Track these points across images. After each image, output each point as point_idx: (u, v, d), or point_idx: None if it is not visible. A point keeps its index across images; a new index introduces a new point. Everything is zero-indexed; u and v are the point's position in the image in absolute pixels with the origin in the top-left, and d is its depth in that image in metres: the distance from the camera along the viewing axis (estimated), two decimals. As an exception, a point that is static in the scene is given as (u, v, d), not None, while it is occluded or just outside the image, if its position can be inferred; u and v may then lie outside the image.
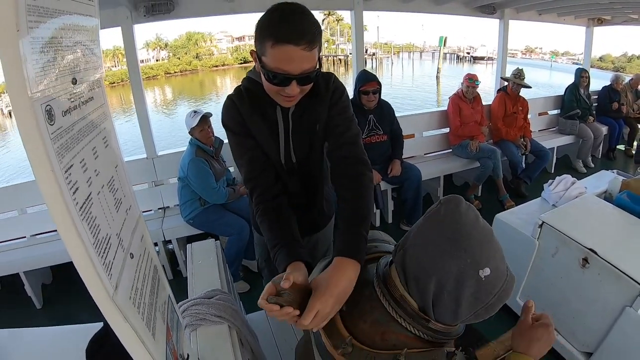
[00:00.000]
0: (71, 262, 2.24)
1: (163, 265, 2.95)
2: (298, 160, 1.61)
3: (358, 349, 1.00)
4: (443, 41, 50.31)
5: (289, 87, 1.27)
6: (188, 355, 1.13)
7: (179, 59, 56.77)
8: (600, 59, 59.58)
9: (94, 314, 1.99)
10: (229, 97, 1.51)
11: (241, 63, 58.57)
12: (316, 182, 1.75)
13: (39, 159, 0.53)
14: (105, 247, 0.69)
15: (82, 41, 0.71)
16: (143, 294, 0.84)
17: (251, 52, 1.34)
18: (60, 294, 3.48)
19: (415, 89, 30.42)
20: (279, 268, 1.25)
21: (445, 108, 5.09)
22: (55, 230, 3.31)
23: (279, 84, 1.26)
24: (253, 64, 1.39)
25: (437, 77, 40.97)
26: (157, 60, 55.95)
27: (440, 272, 0.92)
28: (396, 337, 1.00)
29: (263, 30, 1.21)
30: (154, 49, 56.08)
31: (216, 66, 58.64)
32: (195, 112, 3.29)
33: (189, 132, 3.29)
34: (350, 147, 1.53)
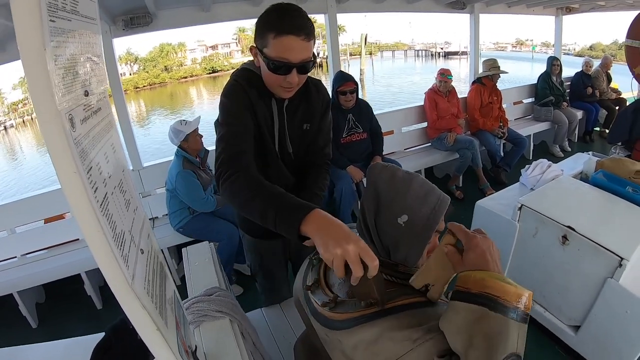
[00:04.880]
0: (63, 280, 2.32)
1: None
2: (295, 151, 1.72)
3: (341, 301, 1.10)
4: (364, 39, 49.64)
5: (290, 75, 1.40)
6: (196, 347, 1.20)
7: (148, 72, 55.63)
8: (591, 47, 60.11)
9: (90, 328, 2.03)
10: (235, 79, 1.56)
11: (209, 73, 58.17)
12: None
13: (65, 162, 0.60)
14: (122, 241, 0.75)
15: (90, 56, 0.78)
16: (154, 286, 0.90)
17: (251, 48, 1.48)
18: (54, 312, 3.48)
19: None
20: (293, 217, 1.08)
21: (422, 103, 5.22)
22: (46, 249, 3.35)
23: (281, 72, 1.39)
24: (221, 73, 1.46)
25: (361, 80, 37.43)
26: (131, 74, 55.10)
27: (380, 229, 1.12)
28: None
29: (265, 25, 1.35)
30: (127, 63, 55.21)
31: (185, 77, 57.57)
32: (184, 120, 3.34)
33: (182, 141, 3.30)
34: (324, 156, 1.79)
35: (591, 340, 2.35)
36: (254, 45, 1.44)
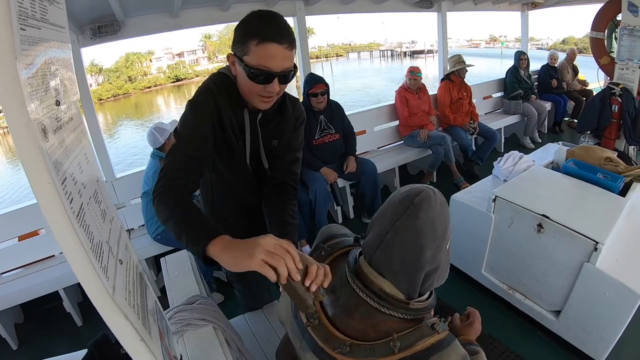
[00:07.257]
0: (41, 298, 2.24)
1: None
2: (270, 167, 1.68)
3: (356, 345, 1.04)
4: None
5: (271, 85, 1.33)
6: (181, 356, 1.18)
7: (111, 83, 53.84)
8: (564, 41, 61.14)
9: (72, 345, 1.98)
10: (208, 84, 1.50)
11: (174, 82, 56.87)
12: None
13: (39, 173, 0.58)
14: (100, 252, 0.74)
15: (60, 66, 0.77)
16: (135, 296, 0.88)
17: (228, 56, 1.40)
18: (34, 332, 3.38)
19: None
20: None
21: (393, 102, 5.28)
22: (21, 267, 3.25)
23: (262, 81, 1.32)
24: (186, 81, 1.40)
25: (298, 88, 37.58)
26: (98, 85, 53.69)
27: (429, 265, 1.05)
28: (385, 325, 1.07)
29: (246, 31, 1.28)
30: (92, 75, 53.77)
31: (148, 87, 55.96)
32: (162, 122, 3.36)
33: (164, 142, 3.31)
34: (292, 173, 1.69)
35: (572, 323, 2.40)
36: (232, 53, 1.37)
